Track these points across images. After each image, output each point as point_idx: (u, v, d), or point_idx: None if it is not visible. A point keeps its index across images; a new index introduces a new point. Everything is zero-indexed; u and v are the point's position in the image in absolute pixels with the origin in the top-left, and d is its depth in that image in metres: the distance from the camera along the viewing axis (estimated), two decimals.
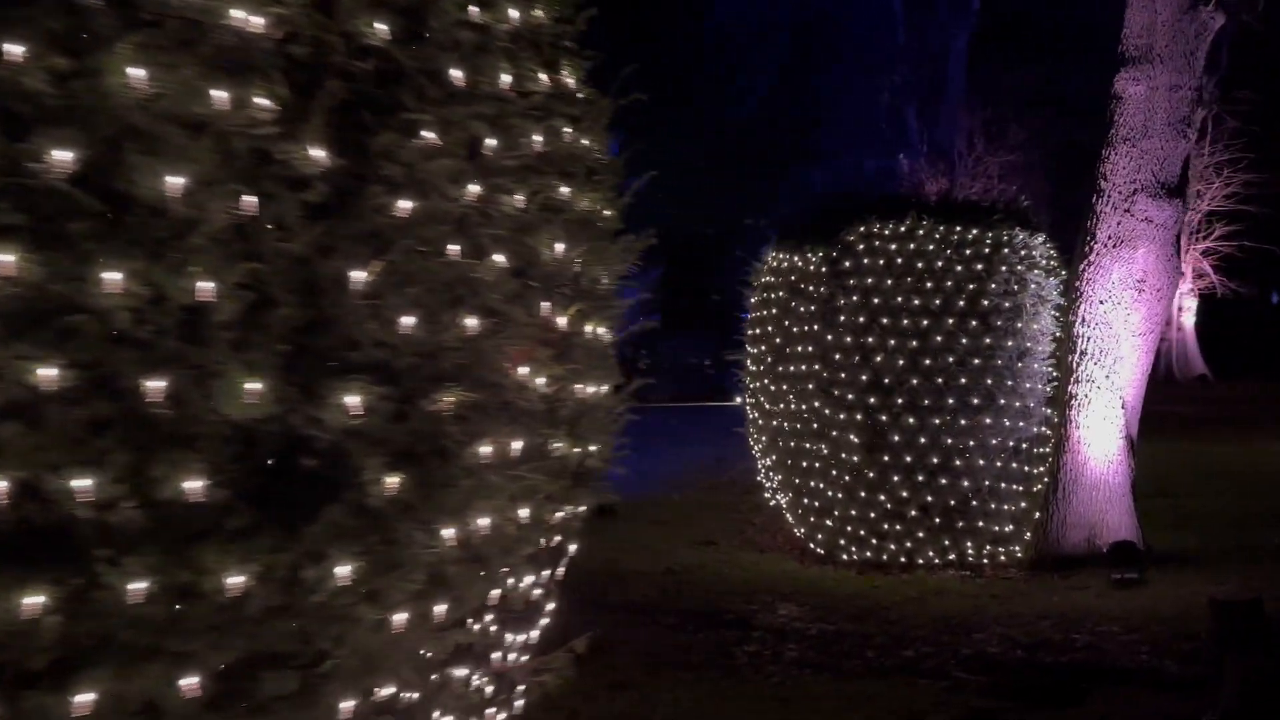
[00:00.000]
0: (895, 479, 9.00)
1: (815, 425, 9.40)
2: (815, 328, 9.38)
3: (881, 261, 9.19)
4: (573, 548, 3.67)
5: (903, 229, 9.29)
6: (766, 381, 10.04)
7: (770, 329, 9.96)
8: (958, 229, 9.26)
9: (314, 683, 2.28)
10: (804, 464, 9.59)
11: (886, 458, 9.00)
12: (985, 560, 9.07)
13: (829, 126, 25.81)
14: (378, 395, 2.06)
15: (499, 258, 2.40)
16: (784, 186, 23.42)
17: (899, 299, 9.07)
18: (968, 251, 9.18)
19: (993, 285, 9.09)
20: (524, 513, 2.53)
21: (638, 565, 9.69)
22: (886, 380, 9.01)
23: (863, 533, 9.23)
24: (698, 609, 7.90)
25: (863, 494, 9.15)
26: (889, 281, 9.12)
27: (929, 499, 8.97)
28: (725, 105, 23.88)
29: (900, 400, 8.96)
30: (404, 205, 2.11)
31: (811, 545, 9.79)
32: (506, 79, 2.51)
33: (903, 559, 9.11)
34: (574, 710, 5.57)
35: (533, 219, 2.59)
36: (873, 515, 9.13)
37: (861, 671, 6.23)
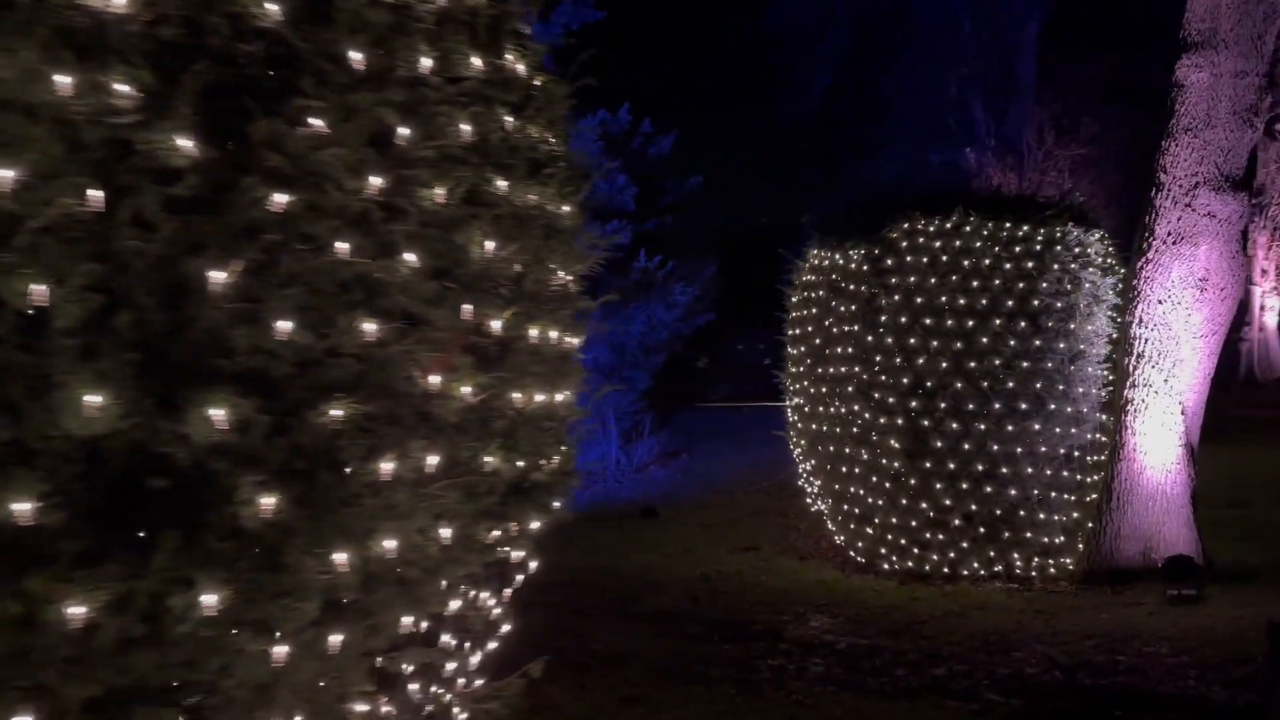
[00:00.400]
0: (938, 486, 8.63)
1: (855, 429, 9.06)
2: (855, 328, 9.04)
3: (925, 259, 8.82)
4: (533, 565, 3.46)
5: (948, 225, 8.91)
6: (806, 383, 9.73)
7: (810, 329, 9.64)
8: (1007, 225, 8.84)
9: (204, 716, 2.11)
10: (844, 469, 9.26)
11: (929, 464, 8.63)
12: (1034, 573, 8.65)
13: (892, 120, 25.24)
14: (250, 407, 1.88)
15: (410, 256, 2.20)
16: (845, 181, 22.98)
17: (943, 298, 8.69)
18: (1017, 249, 8.76)
19: (1043, 284, 8.66)
20: (446, 532, 2.34)
21: (673, 571, 9.48)
22: (929, 383, 8.64)
23: (904, 542, 8.87)
24: (726, 619, 7.65)
25: (904, 501, 8.79)
26: (933, 280, 8.75)
27: (973, 508, 8.58)
28: (786, 99, 23.48)
29: (943, 404, 8.58)
30: (280, 199, 1.93)
31: (852, 554, 9.47)
32: (427, 63, 2.32)
33: (946, 570, 8.73)
34: None
35: (456, 214, 2.39)
36: (914, 524, 8.77)
37: (886, 690, 5.93)
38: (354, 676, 2.25)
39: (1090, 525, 8.55)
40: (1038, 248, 8.76)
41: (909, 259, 8.86)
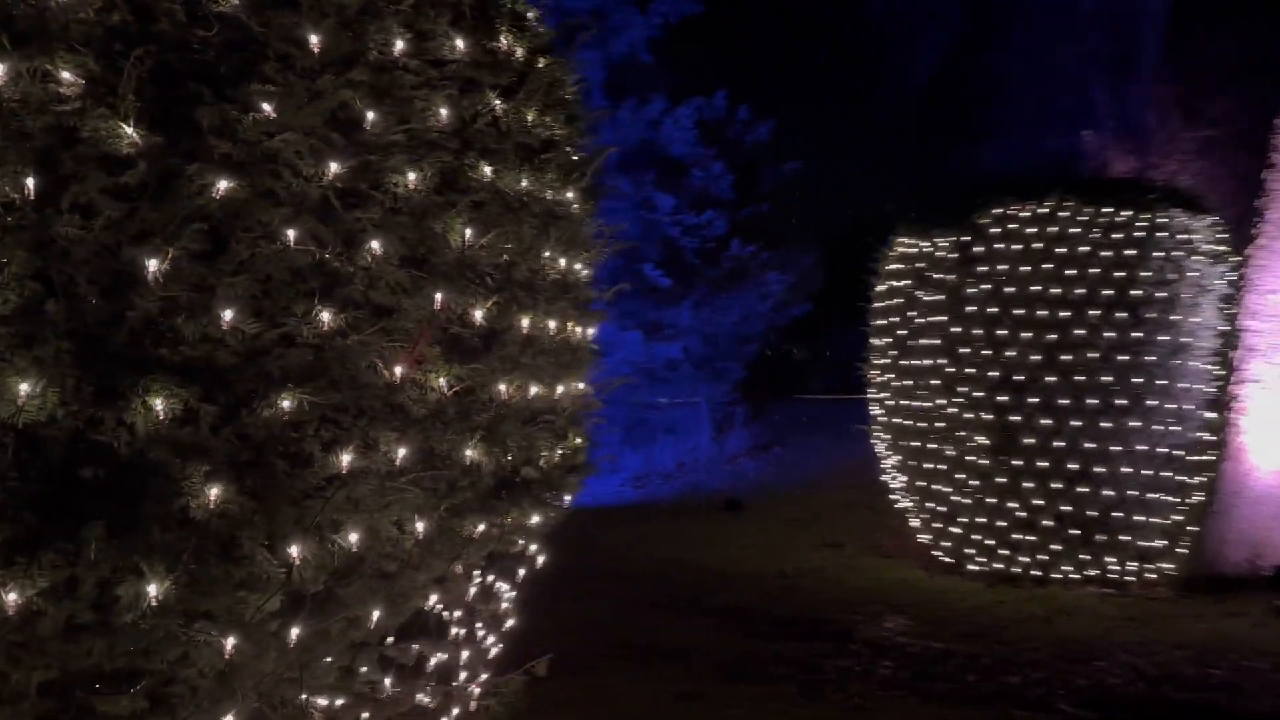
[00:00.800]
0: (1027, 485, 8.25)
1: (940, 424, 8.74)
2: (942, 318, 8.70)
3: (1017, 246, 8.42)
4: (539, 559, 3.38)
5: (1043, 211, 8.49)
6: (890, 376, 9.42)
7: (894, 320, 9.32)
8: (1106, 210, 8.36)
9: (169, 703, 2.12)
10: (928, 465, 8.94)
11: (1018, 462, 8.25)
12: (1130, 578, 8.19)
13: (1003, 103, 24.25)
14: (194, 397, 1.86)
15: (376, 244, 2.14)
16: (951, 168, 22.21)
17: (1035, 287, 8.28)
18: (1117, 235, 8.28)
19: (1145, 273, 8.16)
20: (421, 526, 2.28)
21: (751, 566, 9.33)
22: (1018, 377, 8.26)
23: (991, 542, 8.52)
24: (798, 616, 7.48)
25: (991, 500, 8.44)
26: (1025, 268, 8.35)
27: (1065, 508, 8.17)
28: (890, 82, 22.79)
29: (1034, 399, 8.19)
30: (226, 185, 1.89)
31: (936, 553, 9.14)
32: (401, 45, 2.25)
33: (1036, 573, 8.35)
34: (628, 718, 5.32)
35: (430, 201, 2.32)
36: (1002, 524, 8.41)
37: (953, 696, 5.68)
38: (328, 669, 2.23)
39: (1192, 529, 8.05)
40: (1139, 234, 8.26)
41: (999, 246, 8.48)
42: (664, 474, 16.50)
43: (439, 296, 2.25)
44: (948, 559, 8.97)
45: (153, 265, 1.79)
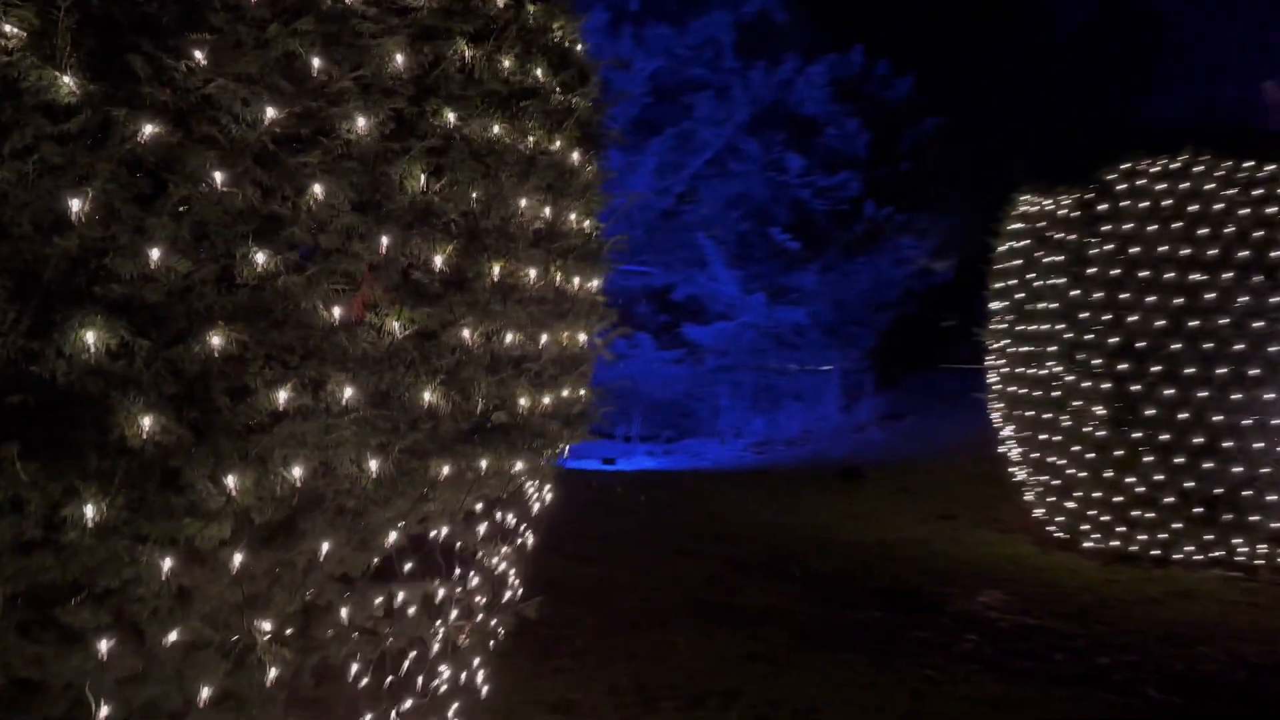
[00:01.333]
0: (1148, 459, 7.75)
1: (1056, 393, 8.30)
2: (1061, 281, 8.25)
3: (1145, 204, 7.88)
4: (546, 499, 3.39)
5: (1175, 166, 7.90)
6: (1007, 342, 9.00)
7: (1013, 283, 8.89)
8: (1247, 165, 7.72)
9: (132, 619, 2.26)
10: (1044, 436, 8.53)
11: (1138, 434, 7.76)
12: (1260, 561, 7.60)
13: (1166, 51, 22.53)
14: (127, 332, 1.96)
15: (319, 189, 2.18)
16: (1112, 122, 20.87)
17: (1164, 248, 7.74)
18: (1257, 192, 7.64)
19: None
20: (375, 464, 2.34)
21: (854, 535, 9.15)
22: (1141, 344, 7.75)
23: (1107, 519, 8.07)
24: (889, 587, 7.29)
25: (1108, 474, 7.98)
26: (1153, 227, 7.81)
27: (1189, 485, 7.65)
28: (1037, 30, 21.47)
29: (1157, 368, 7.67)
30: (151, 130, 1.97)
31: (1051, 529, 8.73)
32: None
33: (1155, 552, 7.86)
34: (691, 674, 5.32)
35: (385, 148, 2.34)
36: (1120, 499, 7.95)
37: (1033, 675, 5.43)
38: (283, 597, 2.33)
39: None
40: None
41: (1125, 204, 7.95)
42: (788, 440, 16.34)
43: (385, 240, 2.29)
44: (1062, 535, 8.56)
45: (80, 206, 1.89)
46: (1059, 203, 8.41)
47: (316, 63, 2.20)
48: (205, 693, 2.28)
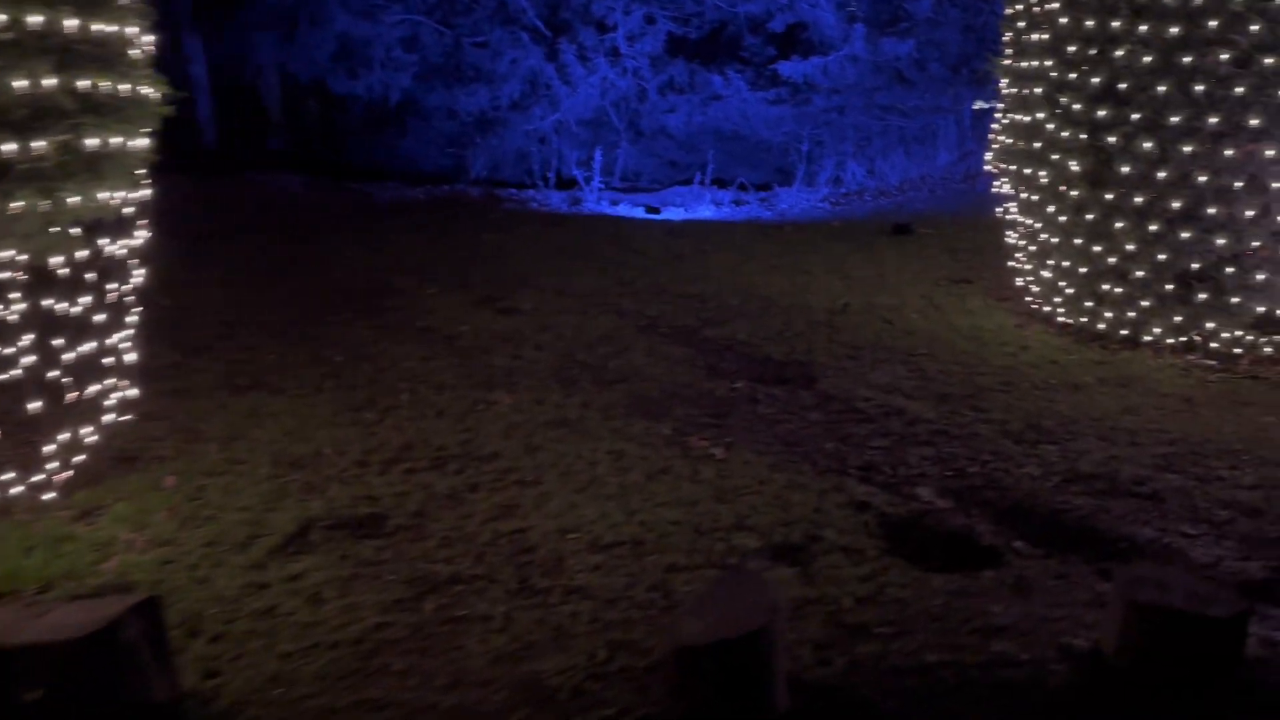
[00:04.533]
0: (1118, 225, 6.59)
1: (1038, 144, 7.09)
2: (1056, 5, 6.83)
3: None
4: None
5: None
6: (1006, 81, 7.68)
7: (1017, 8, 7.45)
8: None
9: None
10: (1025, 195, 7.40)
11: (1110, 195, 6.57)
12: (1240, 350, 6.46)
13: None
14: None
15: None
16: None
17: None
18: None
19: None
20: None
21: (824, 299, 8.43)
22: (1124, 85, 6.39)
23: (1072, 291, 7.05)
24: (785, 359, 6.74)
25: (1079, 241, 6.88)
26: None
27: (1162, 257, 6.48)
28: None
29: (1137, 114, 6.34)
30: None
31: (1029, 300, 7.75)
32: None
33: (1124, 332, 6.84)
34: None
35: None
36: (1087, 271, 6.88)
37: (821, 459, 4.95)
38: None
39: None
40: None
41: None
42: (882, 190, 15.14)
43: None
44: (1042, 306, 7.59)
45: None
46: None
47: None
48: None
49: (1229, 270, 6.27)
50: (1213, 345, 6.50)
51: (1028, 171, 7.23)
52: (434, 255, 10.08)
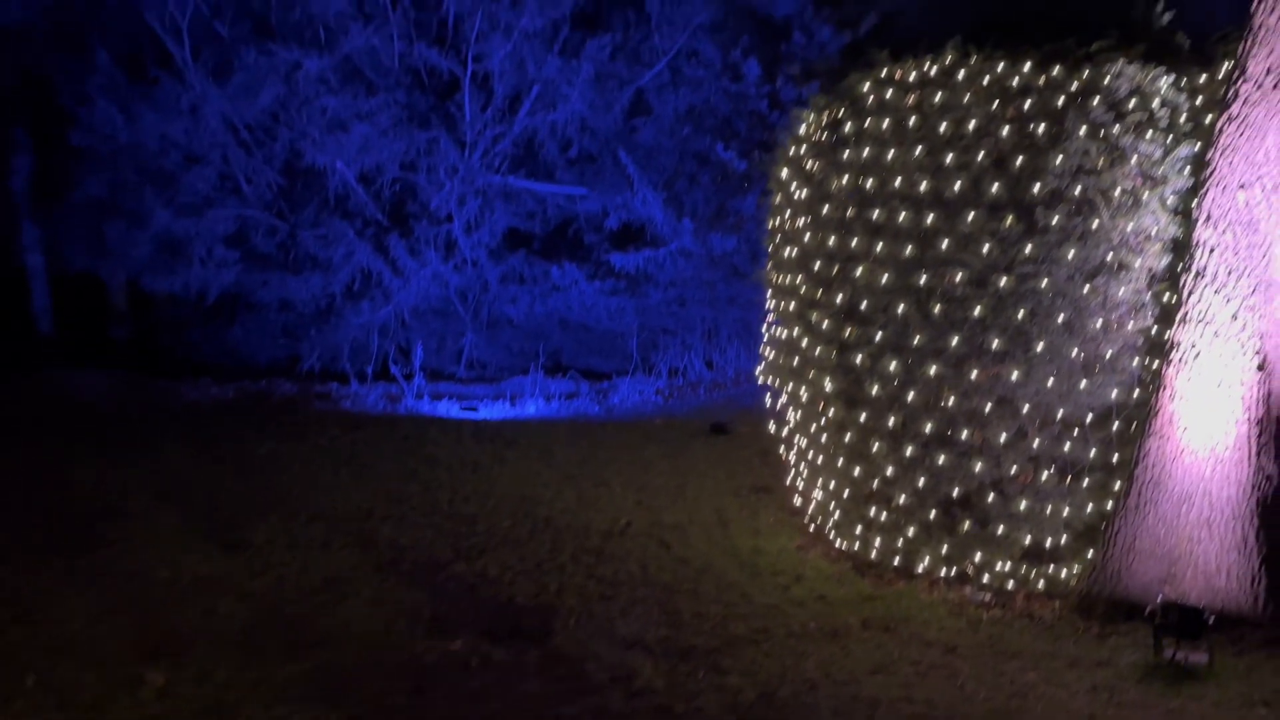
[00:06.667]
0: (875, 447, 6.17)
1: (795, 360, 6.74)
2: (802, 222, 6.61)
3: (887, 123, 6.13)
4: None
5: (933, 70, 6.10)
6: (768, 294, 7.41)
7: (775, 222, 7.25)
8: (1023, 68, 5.85)
9: None
10: (789, 413, 7.00)
11: (864, 416, 6.17)
12: (1011, 584, 5.96)
13: None
14: None
15: None
16: None
17: (899, 181, 6.01)
18: (1027, 104, 5.78)
19: (1058, 159, 5.65)
20: None
21: (605, 516, 7.78)
22: (865, 304, 6.10)
23: (840, 515, 6.55)
24: (509, 601, 6.02)
25: (841, 463, 6.43)
26: (892, 154, 6.07)
27: (921, 482, 6.04)
28: None
29: (880, 335, 6.03)
30: None
31: (807, 521, 7.23)
32: None
33: (897, 561, 6.32)
34: None
35: None
36: (852, 494, 6.41)
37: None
38: None
39: (1096, 528, 5.69)
40: (1059, 103, 5.71)
41: (869, 123, 6.22)
42: (717, 383, 14.88)
43: None
44: (822, 528, 7.06)
45: None
46: (809, 120, 6.70)
47: None
48: None
49: (991, 498, 5.84)
50: (985, 578, 6.00)
51: (789, 388, 6.85)
52: (193, 471, 9.14)
